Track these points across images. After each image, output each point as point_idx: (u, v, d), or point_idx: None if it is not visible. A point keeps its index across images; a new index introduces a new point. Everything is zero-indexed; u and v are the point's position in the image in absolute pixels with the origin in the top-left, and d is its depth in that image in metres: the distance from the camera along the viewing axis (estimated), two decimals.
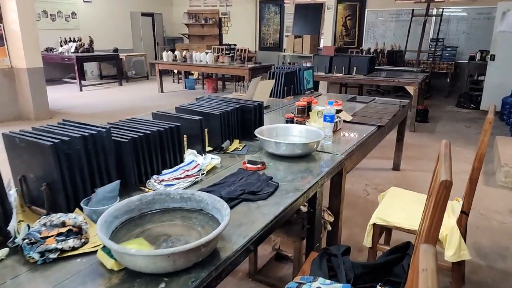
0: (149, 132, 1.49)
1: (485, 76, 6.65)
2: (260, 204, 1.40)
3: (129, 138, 1.41)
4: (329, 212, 2.06)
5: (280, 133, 2.16)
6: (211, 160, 1.81)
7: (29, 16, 5.44)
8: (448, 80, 8.23)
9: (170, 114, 1.87)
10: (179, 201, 1.23)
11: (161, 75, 8.45)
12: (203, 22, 11.55)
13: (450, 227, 1.73)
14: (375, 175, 3.70)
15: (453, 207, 1.96)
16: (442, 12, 8.07)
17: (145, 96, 8.06)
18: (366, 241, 1.93)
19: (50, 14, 9.21)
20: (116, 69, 10.30)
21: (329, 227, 2.04)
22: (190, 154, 1.79)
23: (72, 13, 9.67)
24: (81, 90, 8.52)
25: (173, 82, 10.07)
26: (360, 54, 7.29)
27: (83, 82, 9.37)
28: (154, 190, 1.47)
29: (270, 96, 3.60)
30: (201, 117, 1.79)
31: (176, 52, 8.38)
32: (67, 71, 9.66)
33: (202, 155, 1.81)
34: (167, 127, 1.58)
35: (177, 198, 1.23)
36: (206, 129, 1.97)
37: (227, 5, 11.28)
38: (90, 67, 10.34)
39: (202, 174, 1.66)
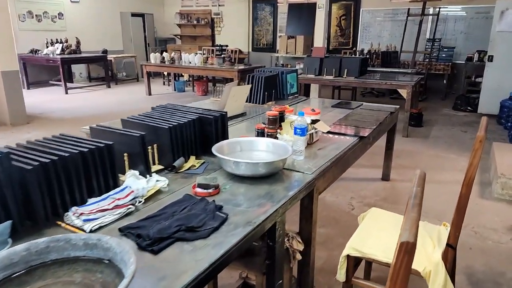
0: (66, 155, 1.24)
1: (482, 77, 6.40)
2: (197, 246, 1.15)
3: (35, 164, 1.15)
4: (299, 240, 1.80)
5: (245, 147, 1.91)
6: (155, 183, 1.56)
7: (3, 17, 5.18)
8: (444, 81, 7.97)
9: (109, 129, 1.62)
10: (83, 249, 0.97)
11: (149, 77, 8.19)
12: (195, 22, 11.29)
13: (434, 263, 1.47)
14: (362, 186, 3.44)
15: (440, 235, 1.70)
16: (439, 11, 7.82)
17: (132, 99, 7.80)
18: (339, 274, 1.67)
19: (36, 15, 8.95)
20: (108, 70, 10.05)
21: (298, 257, 1.78)
22: (131, 177, 1.53)
23: (58, 14, 9.40)
24: (66, 93, 8.27)
25: (164, 84, 9.81)
26: (353, 56, 7.03)
27: (70, 84, 9.13)
28: (73, 226, 1.22)
29: (250, 101, 3.35)
30: (143, 133, 1.53)
31: (165, 54, 8.12)
32: (54, 73, 9.39)
33: (146, 177, 1.56)
34: (93, 147, 1.32)
35: (80, 244, 0.97)
36: (155, 145, 1.72)
37: (219, 5, 11.02)
38: (78, 69, 10.09)
39: (139, 202, 1.41)
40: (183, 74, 8.88)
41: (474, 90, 7.25)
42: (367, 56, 6.78)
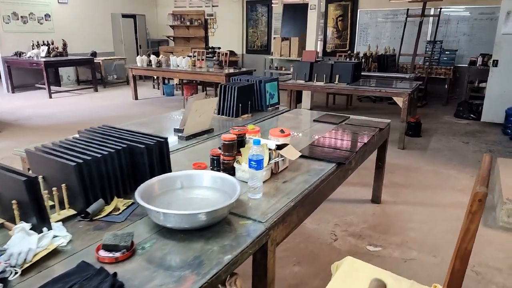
0: None
1: (486, 83, 5.98)
2: None
3: None
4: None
5: (188, 183, 1.53)
6: (52, 240, 1.19)
7: None
8: (446, 86, 7.56)
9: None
10: None
11: (135, 81, 7.83)
12: (188, 23, 10.94)
13: None
14: (349, 210, 3.06)
15: None
16: (440, 11, 7.41)
17: (117, 104, 7.44)
18: None
19: (21, 16, 8.62)
20: (102, 72, 9.72)
21: None
22: (19, 232, 1.17)
23: (45, 15, 9.07)
24: (50, 97, 7.92)
25: (154, 87, 9.45)
26: (347, 59, 6.63)
27: (56, 88, 8.81)
28: None
29: (222, 114, 2.98)
30: (26, 178, 1.15)
31: (152, 57, 7.75)
32: (40, 76, 9.03)
33: (42, 231, 1.19)
34: None
35: None
36: (63, 186, 1.35)
37: (212, 6, 10.66)
38: (66, 72, 9.76)
39: (15, 274, 1.04)
40: (172, 77, 8.54)
41: (477, 96, 6.84)
42: (362, 60, 6.38)
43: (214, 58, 7.75)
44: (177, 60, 7.46)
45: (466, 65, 7.42)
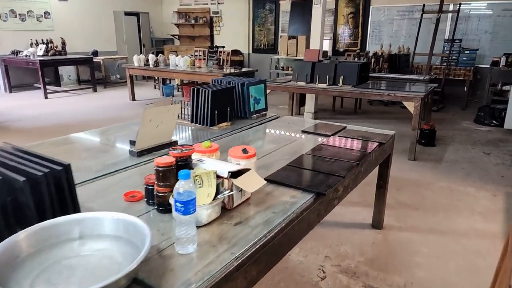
0: None
1: (511, 86, 5.38)
2: None
3: None
4: None
5: (88, 229, 1.09)
6: None
7: None
8: (465, 89, 6.96)
9: None
10: None
11: (133, 81, 7.49)
12: (193, 21, 10.55)
13: None
14: (345, 238, 2.58)
15: None
16: (459, 7, 6.80)
17: (112, 105, 7.09)
18: None
19: (19, 14, 8.37)
20: (96, 73, 9.42)
21: None
22: None
23: (45, 13, 8.81)
24: (46, 97, 7.63)
25: (155, 88, 9.09)
26: (354, 60, 6.11)
27: (53, 88, 8.55)
28: None
29: (196, 122, 2.54)
30: None
31: (150, 56, 7.39)
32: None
33: None
34: None
35: None
36: None
37: (218, 3, 10.25)
38: (67, 71, 9.50)
39: None
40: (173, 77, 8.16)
41: (500, 100, 6.23)
42: (372, 60, 5.85)
43: (214, 57, 7.32)
44: (176, 59, 7.08)
45: (488, 66, 6.81)
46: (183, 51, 10.01)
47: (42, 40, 8.43)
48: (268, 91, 4.89)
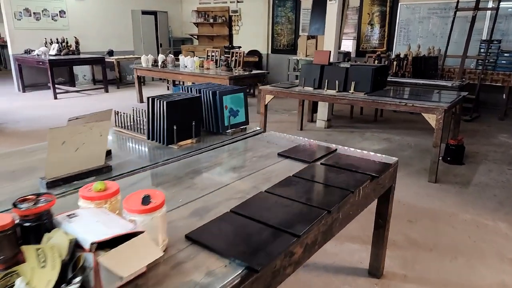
0: None
1: None
2: None
3: None
4: None
5: None
6: None
7: None
8: (504, 96, 6.16)
9: None
10: None
11: (140, 82, 7.21)
12: (211, 20, 10.18)
13: None
14: None
15: None
16: (499, 4, 6.00)
17: (119, 107, 6.72)
18: None
19: (34, 13, 8.27)
20: (113, 73, 9.26)
21: None
22: None
23: (60, 12, 8.69)
24: (55, 98, 7.47)
25: (168, 89, 8.79)
26: (375, 62, 5.47)
27: (68, 88, 8.42)
28: None
29: (152, 139, 2.09)
30: None
31: (160, 56, 7.06)
32: (55, 75, 8.69)
33: None
34: None
35: None
36: None
37: (237, 1, 9.81)
38: (82, 71, 9.37)
39: None
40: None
41: None
42: (394, 63, 5.21)
43: (222, 57, 6.89)
44: (184, 60, 6.71)
45: None
46: (201, 51, 9.66)
47: (57, 39, 8.32)
48: (270, 97, 4.39)
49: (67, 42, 8.28)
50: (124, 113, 2.36)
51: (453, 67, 6.35)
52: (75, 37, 8.40)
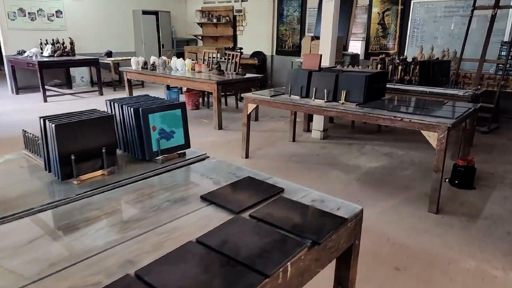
0: None
1: None
2: None
3: None
4: None
5: None
6: None
7: None
8: None
9: None
10: None
11: (131, 85, 6.83)
12: (215, 21, 9.74)
13: None
14: None
15: None
16: None
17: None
18: None
19: (29, 13, 8.02)
20: (112, 74, 8.96)
21: None
22: None
23: (56, 12, 8.42)
24: (45, 101, 7.19)
25: (165, 92, 8.38)
26: (378, 66, 4.88)
27: (62, 90, 8.14)
28: None
29: (49, 171, 1.63)
30: None
31: (152, 57, 6.68)
32: (49, 77, 8.44)
33: None
34: None
35: None
36: None
37: (242, 0, 9.34)
38: (79, 72, 9.08)
39: None
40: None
41: None
42: (398, 67, 4.62)
43: (213, 60, 6.42)
44: (176, 62, 6.29)
45: None
46: (203, 52, 9.23)
47: (52, 40, 8.05)
48: (253, 106, 3.89)
49: (62, 43, 8.01)
50: (32, 134, 1.91)
51: (470, 72, 5.70)
52: (70, 38, 8.10)
